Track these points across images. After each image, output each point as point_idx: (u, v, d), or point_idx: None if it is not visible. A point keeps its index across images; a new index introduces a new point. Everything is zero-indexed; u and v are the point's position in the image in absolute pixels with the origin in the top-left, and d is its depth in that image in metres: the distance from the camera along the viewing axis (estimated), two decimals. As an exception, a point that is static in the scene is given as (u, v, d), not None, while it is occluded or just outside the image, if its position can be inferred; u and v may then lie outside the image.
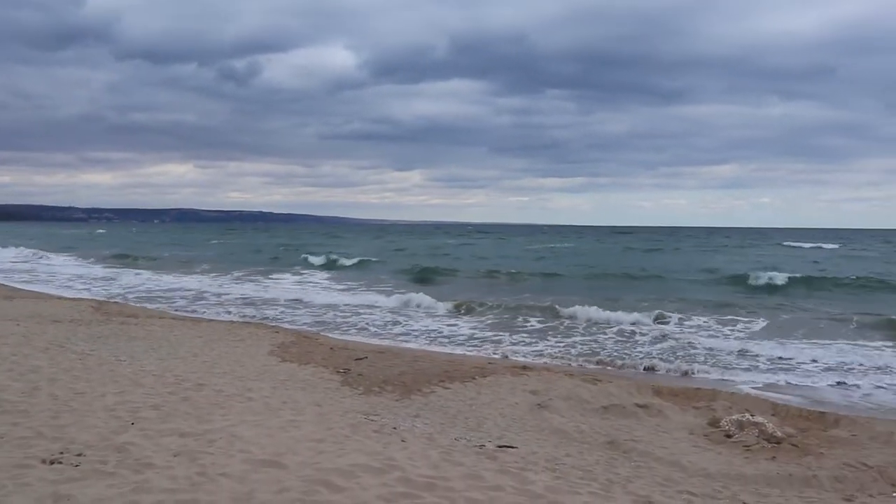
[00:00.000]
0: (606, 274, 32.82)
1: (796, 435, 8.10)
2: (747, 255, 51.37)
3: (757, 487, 6.47)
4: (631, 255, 50.59)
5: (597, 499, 5.30)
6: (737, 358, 13.95)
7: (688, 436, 8.16)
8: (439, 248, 61.04)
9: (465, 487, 5.13)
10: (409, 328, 17.36)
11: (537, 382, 10.30)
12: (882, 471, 6.90)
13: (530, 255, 51.39)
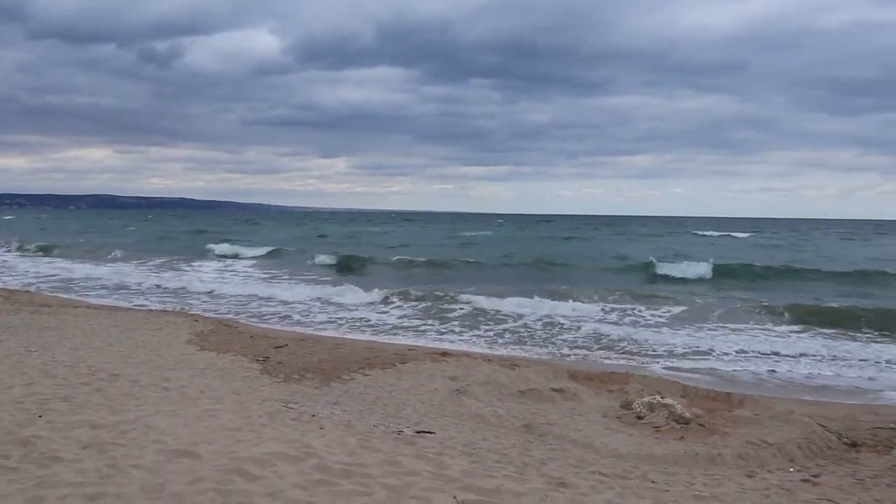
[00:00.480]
0: (527, 262, 33.20)
1: (703, 415, 8.43)
2: (662, 244, 52.73)
3: (665, 466, 6.72)
4: (552, 244, 51.25)
5: (511, 481, 5.43)
6: (650, 342, 14.43)
7: (601, 418, 8.41)
8: (362, 235, 60.79)
9: (381, 473, 5.18)
10: (331, 316, 17.30)
11: (456, 368, 10.42)
12: (781, 447, 7.26)
13: (453, 242, 51.65)
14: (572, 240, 56.94)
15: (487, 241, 54.92)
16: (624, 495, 5.46)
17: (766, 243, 55.69)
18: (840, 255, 41.20)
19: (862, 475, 6.68)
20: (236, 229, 69.24)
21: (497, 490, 5.11)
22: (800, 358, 13.29)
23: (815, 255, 41.98)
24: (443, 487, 5.04)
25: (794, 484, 6.36)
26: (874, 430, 8.20)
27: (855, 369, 12.44)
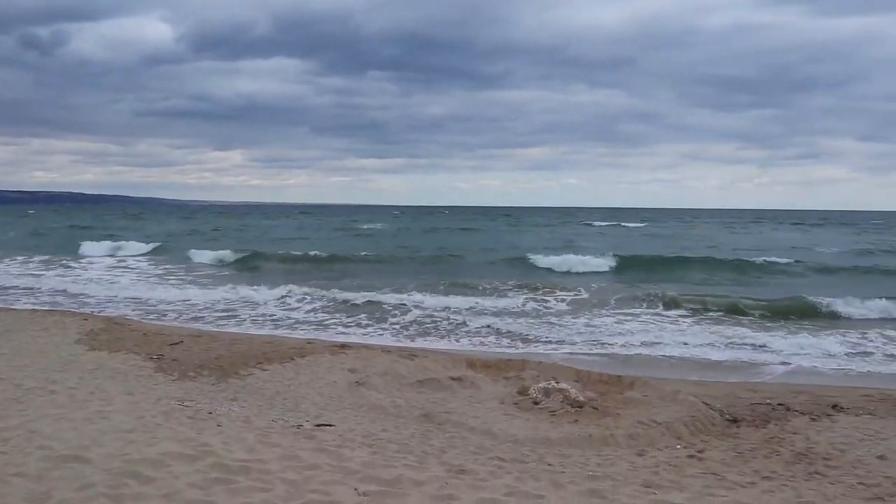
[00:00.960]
0: (424, 254, 33.17)
1: (596, 398, 8.73)
2: (557, 234, 53.92)
3: (561, 449, 6.94)
4: (449, 235, 51.31)
5: (411, 470, 5.48)
6: (546, 330, 14.81)
7: (499, 405, 8.58)
8: (255, 229, 59.18)
9: (281, 468, 5.15)
10: (226, 312, 16.91)
11: (355, 360, 10.40)
12: (669, 426, 7.61)
13: (349, 235, 51.00)
14: (469, 231, 57.03)
15: (383, 233, 54.25)
16: (522, 479, 5.60)
17: (657, 233, 57.63)
18: (725, 243, 43.12)
19: (742, 448, 7.09)
20: (122, 224, 65.97)
21: (397, 479, 5.16)
22: (686, 341, 13.92)
23: (702, 243, 43.73)
24: (343, 479, 5.05)
25: (681, 460, 6.68)
26: (753, 407, 8.70)
27: (737, 351, 13.12)
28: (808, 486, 5.92)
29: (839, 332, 14.70)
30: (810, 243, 43.91)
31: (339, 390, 8.82)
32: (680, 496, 5.38)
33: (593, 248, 35.26)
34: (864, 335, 14.43)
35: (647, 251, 33.72)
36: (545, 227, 66.04)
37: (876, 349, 13.36)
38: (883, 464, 6.65)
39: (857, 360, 12.60)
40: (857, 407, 8.77)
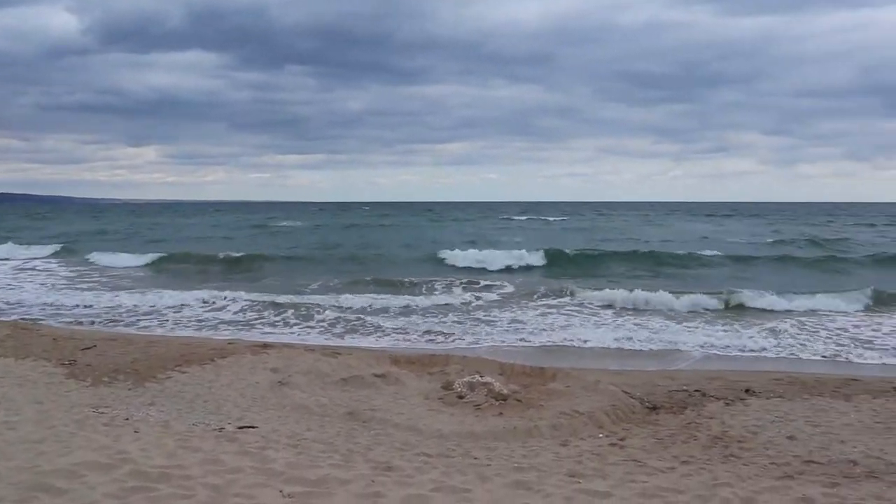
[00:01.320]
0: (346, 252, 32.50)
1: (520, 391, 8.83)
2: (477, 229, 53.83)
3: (486, 442, 6.99)
4: (369, 231, 50.46)
5: (337, 469, 5.43)
6: (470, 324, 14.91)
7: (423, 400, 8.59)
8: (171, 228, 57.29)
9: (202, 473, 5.02)
10: (140, 314, 16.39)
11: (278, 360, 10.24)
12: (591, 415, 7.77)
13: (265, 233, 49.61)
14: (388, 227, 56.60)
15: (301, 230, 52.78)
16: (448, 473, 5.61)
17: (579, 226, 58.29)
18: (644, 236, 44.05)
19: (661, 435, 7.29)
20: (26, 224, 62.73)
21: (323, 480, 5.10)
22: (608, 332, 14.23)
23: (623, 236, 44.58)
24: (267, 482, 4.96)
25: (603, 448, 6.82)
26: (671, 394, 8.96)
27: (655, 342, 13.46)
28: (723, 469, 6.12)
29: (755, 322, 15.21)
30: (728, 234, 45.29)
31: (261, 391, 8.67)
32: (603, 484, 5.49)
33: (517, 242, 35.52)
34: (778, 324, 14.96)
35: (570, 245, 34.05)
36: (466, 222, 66.05)
37: (791, 336, 13.86)
38: (792, 444, 6.95)
39: (770, 346, 13.10)
40: (768, 391, 9.13)
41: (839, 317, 15.89)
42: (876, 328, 14.75)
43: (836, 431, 7.38)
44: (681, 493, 5.28)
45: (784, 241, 39.73)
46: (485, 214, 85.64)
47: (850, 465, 6.32)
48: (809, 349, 12.86)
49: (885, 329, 14.65)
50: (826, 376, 10.25)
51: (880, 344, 13.34)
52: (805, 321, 15.25)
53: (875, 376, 10.55)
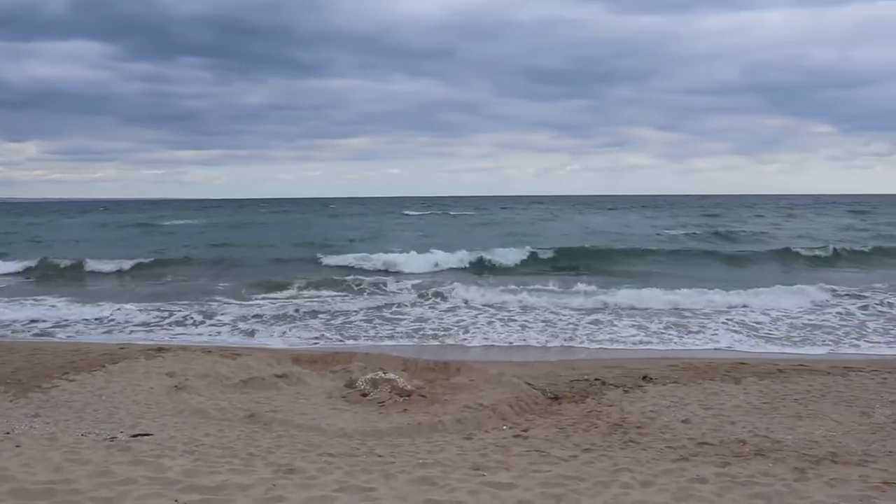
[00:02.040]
0: (239, 251, 31.09)
1: (424, 386, 8.82)
2: (384, 225, 52.58)
3: (391, 439, 6.94)
4: (261, 230, 47.94)
5: (237, 475, 5.26)
6: (374, 322, 14.82)
7: (326, 399, 8.46)
8: (48, 228, 52.75)
9: (91, 487, 4.77)
10: (25, 317, 15.51)
11: (174, 363, 9.88)
12: (495, 408, 7.82)
13: (154, 232, 46.90)
14: (276, 225, 53.99)
15: (190, 229, 49.78)
16: (352, 473, 5.53)
17: (485, 221, 56.92)
18: (548, 230, 44.58)
19: (564, 424, 7.41)
20: None
21: (222, 486, 4.93)
22: (515, 328, 14.37)
23: (529, 229, 44.80)
24: (162, 491, 4.76)
25: (507, 440, 6.88)
26: (572, 383, 9.13)
27: (552, 335, 13.70)
28: (623, 454, 6.27)
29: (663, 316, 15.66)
30: (650, 228, 45.71)
31: (156, 396, 8.35)
32: (507, 475, 5.52)
33: (422, 238, 35.46)
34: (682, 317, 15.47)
35: (486, 241, 33.88)
36: (369, 218, 65.08)
37: (698, 327, 14.35)
38: (686, 427, 7.20)
39: (671, 335, 13.56)
40: (664, 377, 9.43)
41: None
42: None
43: (727, 413, 7.69)
44: (582, 481, 5.37)
45: (697, 234, 40.39)
46: (387, 210, 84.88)
47: (740, 444, 6.59)
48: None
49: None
50: (718, 361, 10.68)
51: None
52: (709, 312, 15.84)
53: (762, 359, 11.06)
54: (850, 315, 15.24)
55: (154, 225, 54.29)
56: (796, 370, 9.75)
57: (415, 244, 30.28)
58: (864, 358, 11.31)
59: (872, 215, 60.02)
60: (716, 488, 5.23)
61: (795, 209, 75.38)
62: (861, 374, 9.48)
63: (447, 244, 29.63)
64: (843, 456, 6.21)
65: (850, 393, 8.47)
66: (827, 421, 7.37)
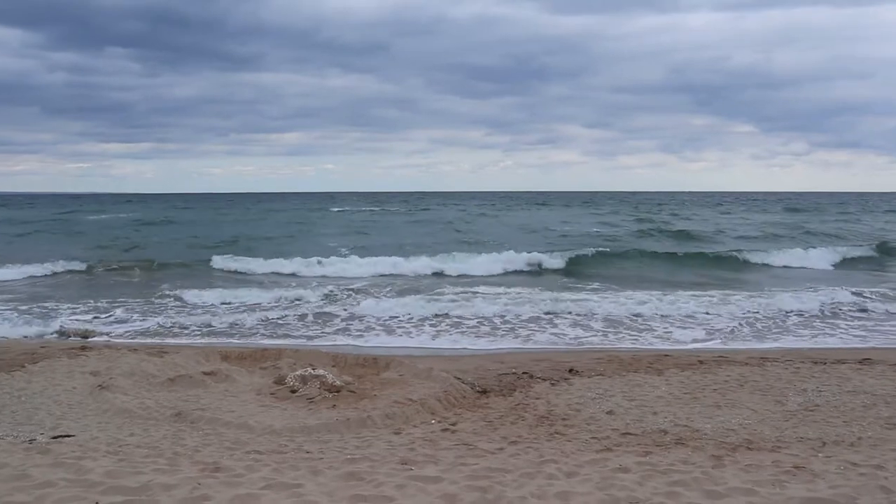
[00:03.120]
0: (170, 246, 30.52)
1: (354, 382, 8.83)
2: (323, 222, 50.58)
3: (319, 435, 6.93)
4: (179, 228, 44.75)
5: (162, 475, 5.20)
6: (305, 319, 14.71)
7: (255, 396, 8.39)
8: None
9: (8, 491, 4.65)
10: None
11: (98, 362, 9.66)
12: (423, 402, 7.88)
13: (71, 231, 44.22)
14: (239, 221, 51.95)
15: (109, 224, 47.15)
16: (280, 470, 5.52)
17: (426, 219, 54.46)
18: (481, 228, 44.32)
19: (491, 417, 7.52)
20: None
21: (146, 486, 4.87)
22: (443, 320, 14.47)
23: (468, 227, 44.21)
24: (83, 494, 4.68)
25: (435, 434, 6.94)
26: (500, 377, 9.27)
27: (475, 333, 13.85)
28: (549, 446, 6.41)
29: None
30: (583, 226, 45.37)
31: (79, 396, 8.15)
32: (435, 469, 5.59)
33: (366, 236, 34.98)
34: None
35: (408, 239, 33.60)
36: (290, 212, 63.65)
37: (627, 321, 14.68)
38: (611, 418, 7.39)
39: (594, 330, 13.84)
40: (590, 369, 9.65)
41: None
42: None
43: (650, 404, 7.92)
44: (508, 473, 5.48)
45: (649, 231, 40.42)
46: (321, 206, 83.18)
47: (662, 433, 6.81)
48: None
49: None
50: (642, 353, 10.98)
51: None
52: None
53: (683, 351, 11.41)
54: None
55: (70, 221, 51.50)
56: (716, 361, 10.10)
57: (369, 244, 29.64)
58: (780, 349, 11.78)
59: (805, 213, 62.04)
60: (637, 477, 5.40)
61: (729, 204, 76.70)
62: (776, 364, 9.87)
63: (378, 245, 29.49)
64: (757, 443, 6.48)
65: (766, 382, 8.81)
66: (743, 410, 7.66)
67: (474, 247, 29.38)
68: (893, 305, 16.04)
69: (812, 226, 43.90)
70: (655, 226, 43.20)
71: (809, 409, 7.66)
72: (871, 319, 14.70)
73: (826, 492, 5.02)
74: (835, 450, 6.19)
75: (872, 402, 7.89)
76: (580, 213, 63.64)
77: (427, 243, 30.81)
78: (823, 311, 15.32)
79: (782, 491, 5.06)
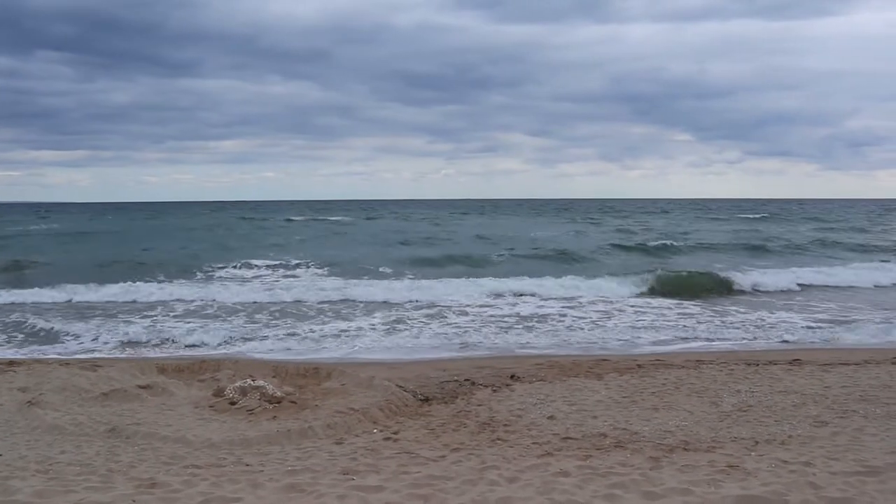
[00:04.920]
0: (101, 258, 29.17)
1: (295, 392, 8.72)
2: (269, 233, 48.00)
3: (260, 447, 6.83)
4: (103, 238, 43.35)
5: (95, 492, 5.07)
6: (249, 329, 14.51)
7: (193, 409, 8.22)
8: None
9: (-70, 513, 4.48)
10: None
11: (27, 377, 9.33)
12: (365, 412, 7.84)
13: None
14: (184, 230, 49.22)
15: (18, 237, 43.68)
16: (219, 484, 5.44)
17: (387, 229, 52.15)
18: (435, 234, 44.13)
19: (434, 425, 7.52)
20: None
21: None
22: (395, 327, 14.43)
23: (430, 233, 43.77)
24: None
25: (377, 443, 6.91)
26: (442, 384, 9.28)
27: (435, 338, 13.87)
28: (490, 452, 6.44)
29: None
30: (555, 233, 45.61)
31: (7, 414, 7.86)
32: (376, 478, 5.57)
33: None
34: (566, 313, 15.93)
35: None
36: (255, 221, 62.59)
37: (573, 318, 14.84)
38: (552, 423, 7.46)
39: (541, 332, 13.99)
40: (531, 375, 9.73)
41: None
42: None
43: (590, 408, 8.02)
44: (450, 480, 5.49)
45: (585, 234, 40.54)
46: (265, 216, 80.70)
47: (601, 437, 6.91)
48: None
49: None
50: (582, 358, 11.11)
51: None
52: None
53: (622, 355, 11.60)
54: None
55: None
56: (654, 365, 10.29)
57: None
58: (716, 351, 12.07)
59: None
60: (577, 480, 5.48)
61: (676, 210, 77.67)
62: (711, 366, 10.11)
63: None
64: (693, 443, 6.63)
65: (702, 384, 9.01)
66: (680, 412, 7.82)
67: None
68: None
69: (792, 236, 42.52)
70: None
71: (743, 409, 7.86)
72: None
73: (758, 489, 5.16)
74: (767, 448, 6.36)
75: (802, 401, 8.14)
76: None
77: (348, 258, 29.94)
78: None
79: (717, 490, 5.18)
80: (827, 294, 19.59)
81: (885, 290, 20.61)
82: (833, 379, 9.21)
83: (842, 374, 9.48)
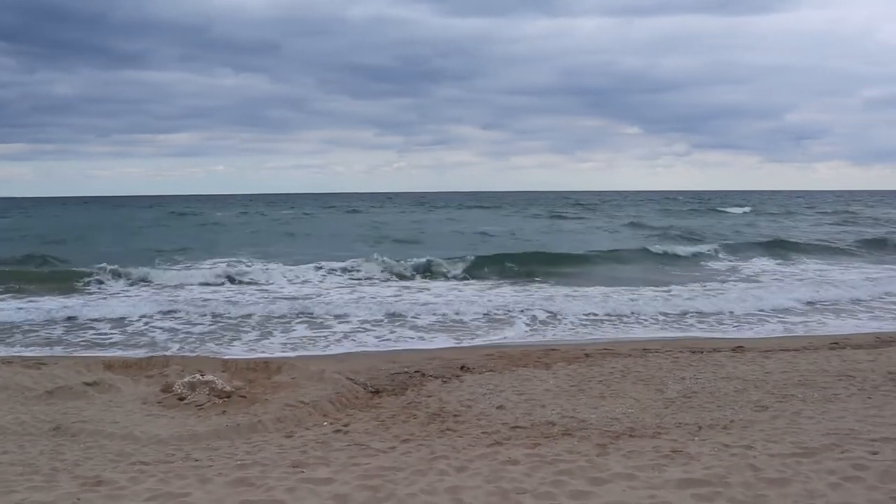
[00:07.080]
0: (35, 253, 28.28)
1: (244, 386, 8.66)
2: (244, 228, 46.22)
3: (209, 442, 6.79)
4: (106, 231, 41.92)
5: (37, 492, 5.00)
6: (192, 326, 14.34)
7: (141, 406, 8.12)
8: None
9: None
10: None
11: (-33, 377, 9.12)
12: (315, 405, 7.83)
13: None
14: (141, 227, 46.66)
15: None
16: (166, 480, 5.40)
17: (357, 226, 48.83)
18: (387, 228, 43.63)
19: (384, 417, 7.56)
20: None
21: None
22: (337, 321, 14.40)
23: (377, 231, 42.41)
24: (-50, 516, 4.44)
25: (328, 436, 6.92)
26: (393, 376, 9.32)
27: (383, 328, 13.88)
28: (440, 443, 6.50)
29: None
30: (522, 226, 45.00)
31: (-54, 414, 7.68)
32: (326, 470, 5.59)
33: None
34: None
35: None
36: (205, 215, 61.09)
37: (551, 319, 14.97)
38: (501, 412, 7.56)
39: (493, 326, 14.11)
40: (481, 366, 9.83)
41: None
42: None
43: (538, 397, 8.14)
44: (400, 471, 5.54)
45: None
46: (220, 207, 78.70)
47: (550, 425, 7.02)
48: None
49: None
50: (530, 348, 11.26)
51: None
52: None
53: (570, 344, 11.78)
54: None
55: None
56: (601, 354, 10.48)
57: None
58: (661, 339, 12.33)
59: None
60: (525, 468, 5.57)
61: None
62: (657, 354, 10.33)
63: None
64: (639, 430, 6.78)
65: (648, 372, 9.21)
66: (627, 399, 7.98)
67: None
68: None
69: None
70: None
71: (687, 395, 8.06)
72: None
73: (700, 472, 5.32)
74: (709, 433, 6.54)
75: (744, 386, 8.38)
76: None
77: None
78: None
79: (661, 474, 5.32)
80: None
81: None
82: (773, 365, 9.49)
83: (782, 360, 9.77)
